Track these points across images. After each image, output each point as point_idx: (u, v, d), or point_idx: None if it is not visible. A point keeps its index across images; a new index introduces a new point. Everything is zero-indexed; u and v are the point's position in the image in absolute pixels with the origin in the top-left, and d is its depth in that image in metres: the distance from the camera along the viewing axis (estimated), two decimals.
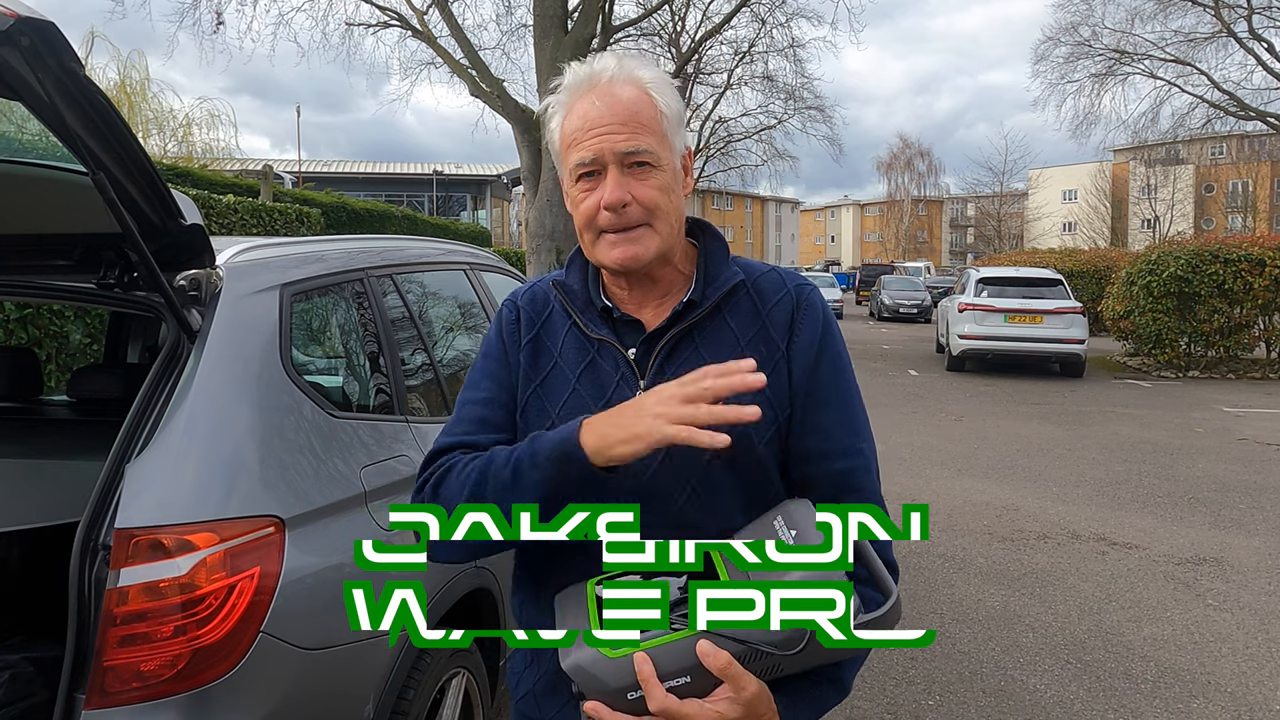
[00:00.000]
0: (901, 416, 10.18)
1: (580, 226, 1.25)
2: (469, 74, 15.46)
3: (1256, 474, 7.39)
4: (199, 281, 1.89)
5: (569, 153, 1.22)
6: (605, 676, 0.99)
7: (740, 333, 1.25)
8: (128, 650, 1.56)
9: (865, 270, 43.37)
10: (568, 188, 1.26)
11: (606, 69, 1.22)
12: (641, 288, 1.28)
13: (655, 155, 1.20)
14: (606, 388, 1.24)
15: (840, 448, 1.25)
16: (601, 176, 1.20)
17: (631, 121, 1.19)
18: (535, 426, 1.24)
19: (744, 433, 1.18)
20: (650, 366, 1.23)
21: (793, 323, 1.26)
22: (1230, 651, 3.98)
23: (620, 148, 1.18)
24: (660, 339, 1.23)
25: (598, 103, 1.19)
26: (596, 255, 1.24)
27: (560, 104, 1.26)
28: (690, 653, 0.98)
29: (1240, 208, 51.37)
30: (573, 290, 1.31)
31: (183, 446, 1.72)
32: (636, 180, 1.19)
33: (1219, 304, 13.74)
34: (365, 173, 34.24)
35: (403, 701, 2.04)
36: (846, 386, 1.28)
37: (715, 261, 1.29)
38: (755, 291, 1.28)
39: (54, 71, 1.35)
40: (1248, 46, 25.40)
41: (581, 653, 1.01)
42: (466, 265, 3.35)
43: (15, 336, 4.93)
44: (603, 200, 1.19)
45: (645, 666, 0.98)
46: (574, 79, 1.24)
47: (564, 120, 1.24)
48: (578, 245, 1.33)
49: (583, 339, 1.28)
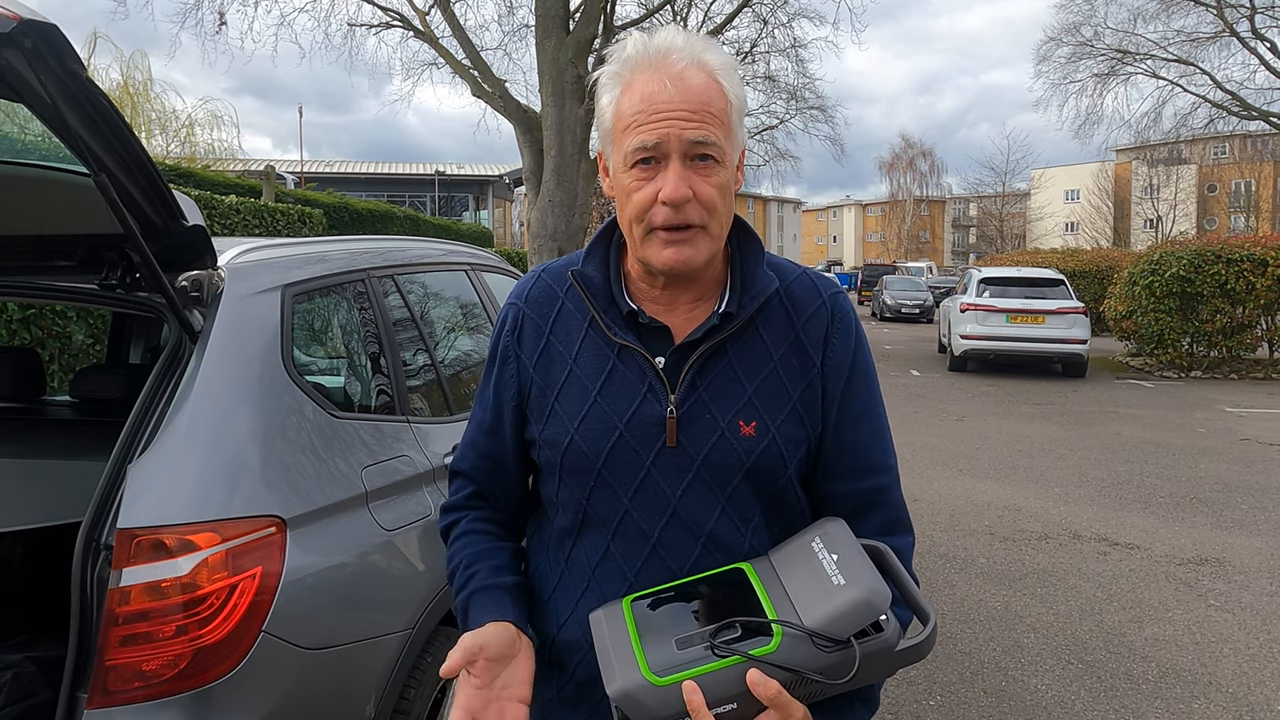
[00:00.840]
0: (903, 417, 10.17)
1: (629, 218, 1.14)
2: (471, 74, 15.47)
3: (1259, 474, 7.38)
4: (201, 282, 1.90)
5: (626, 135, 1.11)
6: (654, 705, 0.97)
7: (773, 345, 1.19)
8: (130, 650, 1.57)
9: (867, 270, 43.30)
10: (617, 172, 1.15)
11: (674, 47, 1.11)
12: (676, 287, 1.20)
13: (721, 150, 1.10)
14: (631, 399, 1.16)
15: (871, 464, 1.22)
16: (659, 165, 1.10)
17: (702, 110, 1.09)
18: (555, 440, 1.20)
19: (777, 452, 1.16)
20: (682, 380, 1.16)
21: (828, 337, 1.20)
22: (1232, 652, 3.98)
23: (689, 135, 1.08)
24: (693, 351, 1.16)
25: (669, 85, 1.08)
26: (645, 253, 1.14)
27: (616, 77, 1.14)
28: (737, 680, 0.97)
29: (1243, 208, 51.32)
30: (594, 283, 1.21)
31: (184, 447, 1.72)
32: (698, 175, 1.10)
33: (1221, 304, 13.72)
34: (367, 173, 34.25)
35: (404, 701, 2.05)
36: (876, 401, 1.24)
37: (751, 266, 1.21)
38: (789, 300, 1.22)
39: (56, 73, 1.35)
40: (1250, 46, 25.40)
41: (627, 679, 0.99)
42: (468, 266, 3.35)
43: (18, 337, 4.94)
44: (662, 194, 1.09)
45: (695, 697, 0.95)
46: (636, 51, 1.12)
47: (620, 96, 1.13)
48: (597, 232, 1.26)
49: (602, 341, 1.20)
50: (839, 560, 1.05)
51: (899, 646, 1.01)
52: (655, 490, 1.16)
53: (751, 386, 1.17)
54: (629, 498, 1.17)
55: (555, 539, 1.26)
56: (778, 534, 1.19)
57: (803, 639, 0.98)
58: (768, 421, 1.16)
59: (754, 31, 19.98)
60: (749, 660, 0.97)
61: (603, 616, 1.11)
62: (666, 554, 1.16)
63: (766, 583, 1.08)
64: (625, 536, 1.18)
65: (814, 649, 0.98)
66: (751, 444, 1.15)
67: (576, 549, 1.22)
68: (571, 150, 13.39)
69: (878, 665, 1.01)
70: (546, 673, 1.26)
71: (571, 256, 1.29)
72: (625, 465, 1.16)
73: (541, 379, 1.22)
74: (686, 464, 1.15)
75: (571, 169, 13.41)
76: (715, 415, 1.16)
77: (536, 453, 1.24)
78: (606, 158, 1.19)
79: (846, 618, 0.98)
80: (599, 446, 1.17)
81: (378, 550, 2.05)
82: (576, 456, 1.18)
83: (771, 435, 1.16)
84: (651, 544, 1.16)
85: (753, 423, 1.16)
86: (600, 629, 1.09)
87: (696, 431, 1.15)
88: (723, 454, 1.15)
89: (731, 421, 1.15)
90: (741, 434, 1.15)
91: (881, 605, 0.99)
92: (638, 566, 1.17)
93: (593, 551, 1.20)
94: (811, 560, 1.07)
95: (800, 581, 1.05)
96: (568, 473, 1.19)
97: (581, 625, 1.19)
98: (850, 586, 1.00)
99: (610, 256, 1.24)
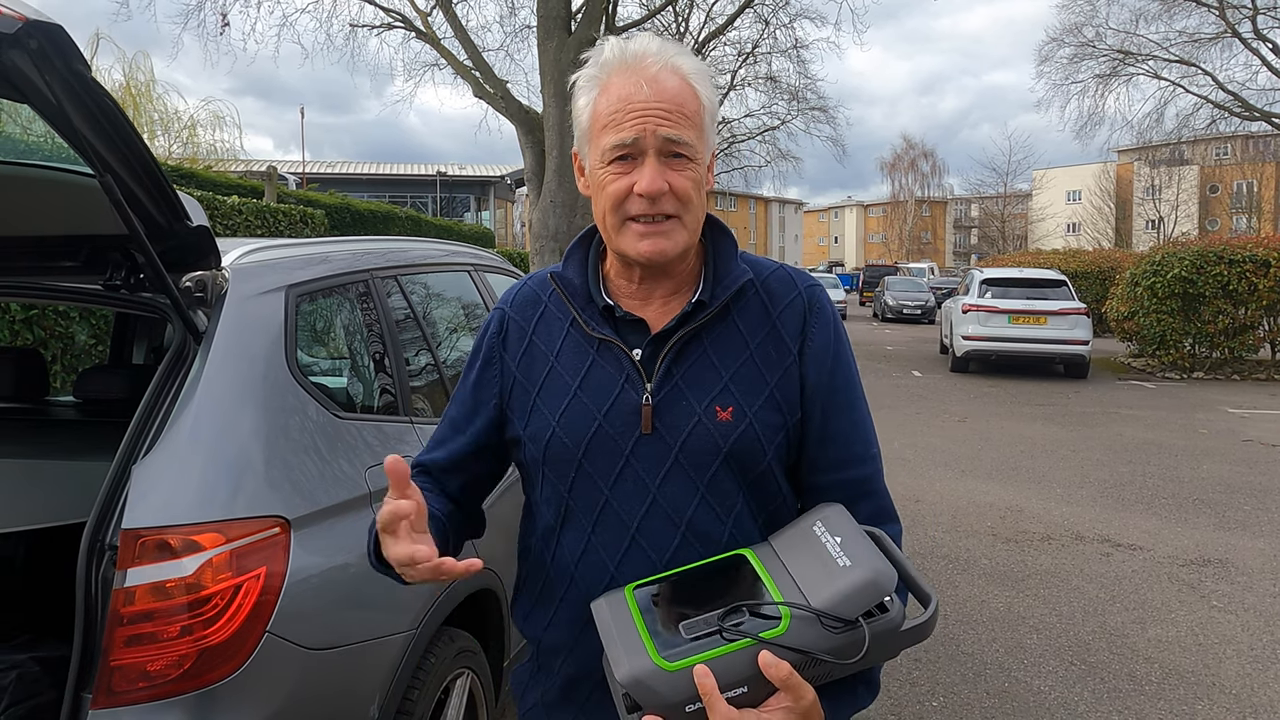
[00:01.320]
0: (905, 418, 10.17)
1: (605, 209, 1.18)
2: (472, 75, 15.47)
3: (1261, 475, 7.38)
4: (205, 283, 1.90)
5: (603, 134, 1.16)
6: (664, 690, 0.97)
7: (749, 334, 1.22)
8: (134, 650, 1.57)
9: (869, 271, 43.31)
10: (594, 169, 1.19)
11: (649, 51, 1.16)
12: (651, 281, 1.23)
13: (694, 149, 1.15)
14: (610, 390, 1.20)
15: (855, 455, 1.24)
16: (636, 161, 1.14)
17: (676, 111, 1.14)
18: (537, 435, 1.22)
19: (754, 437, 1.18)
20: (658, 368, 1.19)
21: (805, 326, 1.23)
22: (1235, 653, 3.97)
23: (664, 133, 1.13)
24: (668, 340, 1.19)
25: (645, 86, 1.13)
26: (620, 243, 1.18)
27: (593, 80, 1.19)
28: (747, 664, 0.97)
29: (1245, 208, 51.26)
30: (572, 284, 1.26)
31: (189, 447, 1.73)
32: (672, 170, 1.14)
33: (1223, 305, 13.71)
34: (369, 174, 34.25)
35: (408, 702, 2.05)
36: (857, 391, 1.27)
37: (724, 259, 1.25)
38: (765, 291, 1.25)
39: (61, 74, 1.35)
40: (1252, 47, 25.38)
41: (636, 664, 0.99)
42: (470, 266, 3.35)
43: (21, 337, 4.95)
44: (638, 186, 1.13)
45: (707, 680, 0.96)
46: (613, 55, 1.17)
47: (597, 98, 1.18)
48: (576, 238, 1.30)
49: (581, 339, 1.23)
50: (842, 543, 1.06)
51: (903, 627, 1.02)
52: (634, 479, 1.17)
53: (728, 374, 1.19)
54: (609, 487, 1.19)
55: (540, 540, 1.28)
56: (763, 524, 1.20)
57: (811, 621, 0.99)
58: (745, 407, 1.18)
59: (755, 32, 20.02)
60: (759, 642, 0.98)
61: (605, 605, 1.11)
62: (646, 544, 1.17)
63: (770, 567, 1.08)
64: (606, 527, 1.19)
65: (822, 630, 0.99)
66: (728, 429, 1.17)
67: (560, 547, 1.23)
68: None
69: (884, 646, 1.02)
70: (534, 677, 1.28)
71: (556, 264, 1.33)
72: (605, 455, 1.19)
73: (524, 378, 1.26)
74: (665, 452, 1.17)
75: (573, 169, 13.38)
76: (692, 402, 1.18)
77: (521, 452, 1.27)
78: (582, 157, 1.24)
79: (854, 598, 0.99)
80: (579, 437, 1.19)
81: None
82: (558, 448, 1.21)
83: (749, 420, 1.18)
84: (631, 534, 1.18)
85: (729, 408, 1.18)
86: (604, 616, 1.09)
87: (674, 418, 1.18)
88: (700, 439, 1.17)
89: (709, 407, 1.18)
90: (719, 419, 1.17)
91: (888, 585, 1.01)
92: (618, 558, 1.18)
93: (574, 546, 1.21)
94: (814, 544, 1.08)
95: (804, 564, 1.06)
96: (550, 466, 1.22)
97: (565, 626, 1.21)
98: (856, 568, 1.01)
99: (589, 259, 1.28)
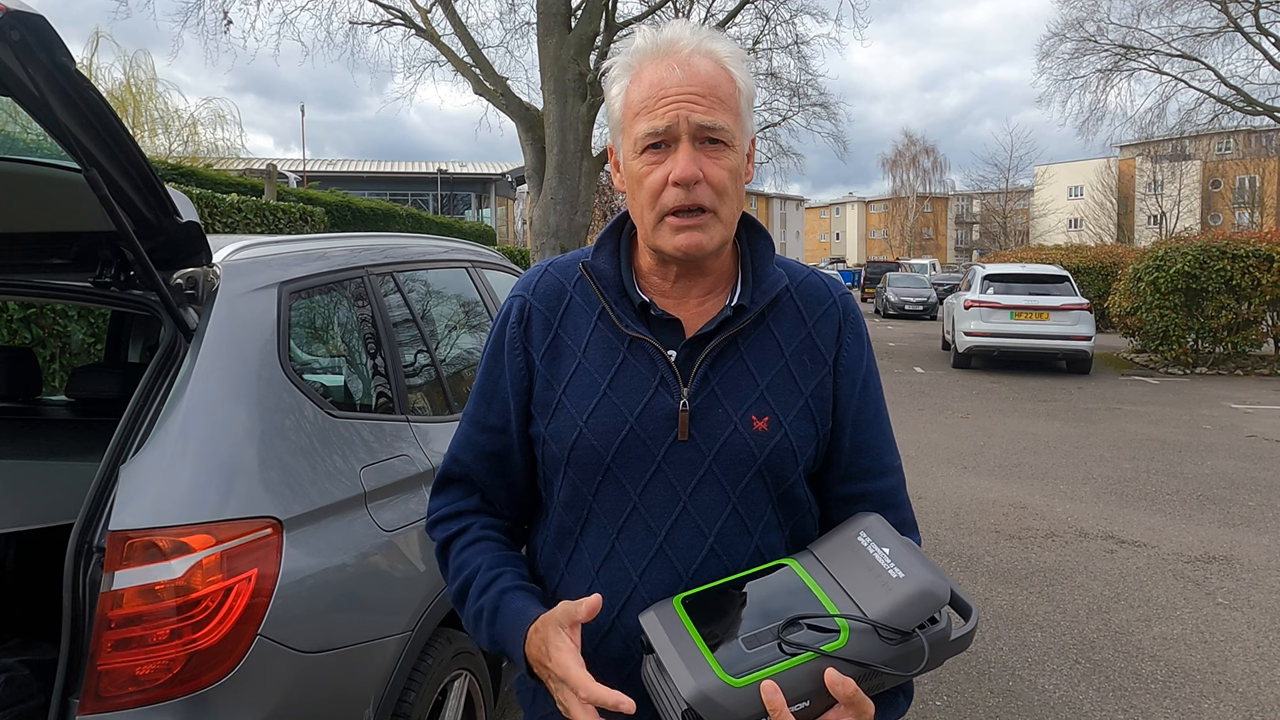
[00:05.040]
0: (908, 414, 10.14)
1: (642, 204, 1.13)
2: (473, 72, 15.45)
3: (1265, 470, 7.34)
4: (196, 280, 1.87)
5: (636, 121, 1.12)
6: (733, 706, 0.95)
7: (784, 342, 1.19)
8: (122, 654, 1.54)
9: (870, 267, 43.28)
10: (628, 160, 1.15)
11: (681, 36, 1.12)
12: (688, 279, 1.19)
13: (730, 134, 1.11)
14: (642, 392, 1.15)
15: (883, 466, 1.24)
16: (670, 149, 1.10)
17: (710, 95, 1.09)
18: (561, 435, 1.17)
19: (789, 448, 1.16)
20: (695, 373, 1.15)
21: (840, 336, 1.22)
22: (1241, 651, 3.94)
23: (697, 119, 1.08)
24: (707, 344, 1.16)
25: (677, 70, 1.09)
26: (657, 240, 1.14)
27: (625, 68, 1.15)
28: (810, 678, 0.97)
29: (1247, 203, 51.21)
30: (605, 276, 1.20)
31: (178, 447, 1.69)
32: (708, 158, 1.10)
33: (1226, 300, 13.67)
34: (370, 171, 34.22)
35: (404, 704, 2.02)
36: (883, 403, 1.27)
37: (762, 261, 1.21)
38: (799, 298, 1.23)
39: (45, 66, 1.32)
40: (1254, 41, 25.27)
41: (704, 681, 0.97)
42: (469, 263, 3.32)
43: (19, 336, 4.92)
44: (672, 175, 1.09)
45: (776, 697, 0.94)
46: (645, 42, 1.14)
47: (630, 86, 1.14)
48: (607, 226, 1.25)
49: (611, 335, 1.18)
50: (891, 554, 1.05)
51: (952, 636, 1.02)
52: (665, 486, 1.14)
53: (764, 382, 1.17)
54: (638, 494, 1.15)
55: (554, 540, 1.23)
56: (788, 534, 1.19)
57: (868, 633, 0.98)
58: (780, 417, 1.16)
59: (756, 28, 19.91)
60: (822, 656, 0.97)
61: (656, 618, 1.07)
62: (674, 554, 1.14)
63: (817, 578, 1.07)
64: (631, 535, 1.15)
65: (879, 642, 0.98)
66: (765, 439, 1.15)
67: (578, 550, 1.19)
68: (574, 147, 13.35)
69: (936, 656, 1.02)
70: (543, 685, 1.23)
71: (578, 251, 1.28)
72: (636, 460, 1.15)
73: (547, 372, 1.20)
74: (698, 460, 1.14)
75: (574, 166, 13.37)
76: (728, 409, 1.15)
77: (540, 449, 1.22)
78: (616, 149, 1.20)
79: (912, 609, 0.99)
80: (609, 439, 1.15)
81: (377, 551, 2.03)
82: (585, 450, 1.16)
83: (784, 431, 1.16)
84: (659, 543, 1.14)
85: (765, 418, 1.16)
86: (657, 630, 1.06)
87: (709, 425, 1.15)
88: (735, 449, 1.14)
89: (745, 416, 1.15)
90: (755, 429, 1.15)
91: (944, 596, 1.00)
92: (643, 566, 1.15)
93: (596, 552, 1.17)
94: (862, 555, 1.07)
95: (855, 576, 1.05)
96: (574, 468, 1.17)
97: (584, 635, 1.16)
98: (910, 579, 1.01)
99: (621, 250, 1.23)
